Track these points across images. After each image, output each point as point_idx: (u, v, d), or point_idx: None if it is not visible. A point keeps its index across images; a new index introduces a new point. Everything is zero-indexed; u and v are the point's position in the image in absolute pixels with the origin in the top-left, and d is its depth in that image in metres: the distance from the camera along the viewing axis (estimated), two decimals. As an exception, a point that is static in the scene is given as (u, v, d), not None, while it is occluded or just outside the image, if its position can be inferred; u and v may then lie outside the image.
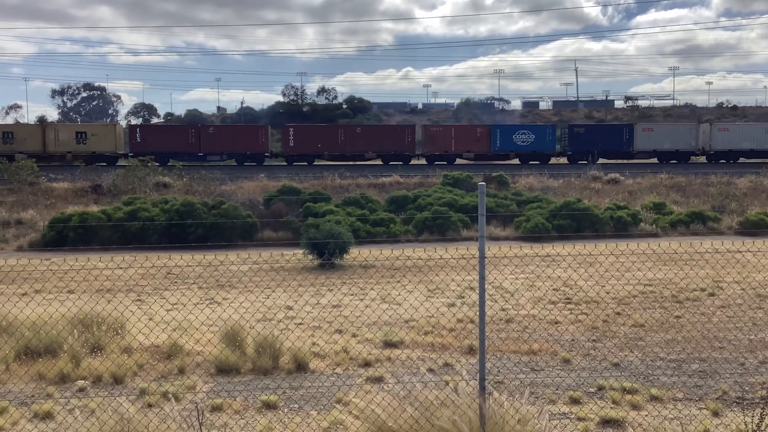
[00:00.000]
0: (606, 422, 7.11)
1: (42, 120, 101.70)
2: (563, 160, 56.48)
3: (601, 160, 54.20)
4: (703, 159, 56.39)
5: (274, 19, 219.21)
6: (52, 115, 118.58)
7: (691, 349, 9.89)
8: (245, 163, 53.50)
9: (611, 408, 7.47)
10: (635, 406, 7.54)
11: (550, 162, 54.71)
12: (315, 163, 54.03)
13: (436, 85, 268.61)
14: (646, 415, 7.24)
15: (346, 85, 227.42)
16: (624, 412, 7.32)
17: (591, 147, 55.38)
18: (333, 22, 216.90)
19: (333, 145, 54.89)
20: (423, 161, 55.72)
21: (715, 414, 7.34)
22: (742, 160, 55.39)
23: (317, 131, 57.70)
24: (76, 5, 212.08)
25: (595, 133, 57.27)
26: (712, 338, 10.37)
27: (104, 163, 51.10)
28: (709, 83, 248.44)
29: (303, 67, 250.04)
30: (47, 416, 7.35)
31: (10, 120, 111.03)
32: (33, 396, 8.02)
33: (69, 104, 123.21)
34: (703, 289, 13.90)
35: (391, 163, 53.44)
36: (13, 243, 23.56)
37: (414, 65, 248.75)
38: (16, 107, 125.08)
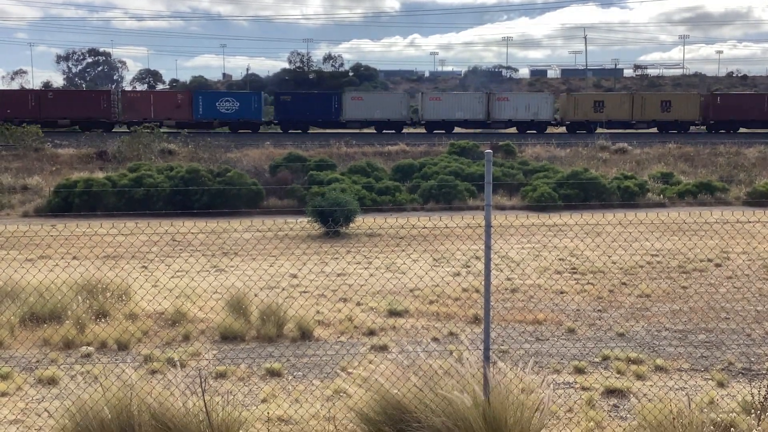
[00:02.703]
0: (611, 392, 7.08)
1: (47, 85, 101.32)
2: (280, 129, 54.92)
3: (312, 130, 53.38)
4: (421, 129, 55.35)
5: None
6: (58, 80, 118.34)
7: (697, 319, 9.83)
8: None
9: (616, 378, 7.43)
10: (640, 377, 7.51)
11: (260, 131, 53.31)
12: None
13: (444, 52, 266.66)
14: (652, 386, 7.20)
15: (353, 52, 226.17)
16: (629, 382, 7.29)
17: (300, 116, 54.13)
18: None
19: (23, 110, 51.94)
20: (125, 128, 52.55)
21: (721, 385, 7.30)
22: (457, 130, 54.49)
23: (5, 96, 55.35)
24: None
25: (303, 102, 55.74)
26: (718, 309, 10.31)
27: None
28: (719, 52, 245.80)
29: (308, 34, 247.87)
30: (51, 382, 7.36)
31: (15, 85, 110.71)
32: (37, 361, 8.03)
33: (74, 70, 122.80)
34: (710, 260, 13.82)
35: (93, 130, 49.47)
36: (18, 209, 23.57)
37: (421, 32, 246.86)
38: (21, 72, 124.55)
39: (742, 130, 53.49)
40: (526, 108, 55.15)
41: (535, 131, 53.14)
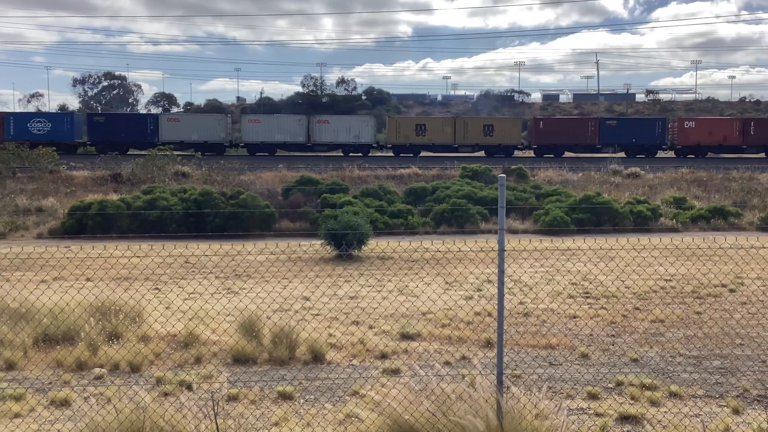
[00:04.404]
0: (624, 418, 7.02)
1: (63, 108, 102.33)
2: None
3: (131, 151, 53.01)
4: (243, 151, 56.25)
5: (294, 9, 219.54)
6: (73, 104, 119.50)
7: (711, 345, 9.76)
8: None
9: (630, 404, 7.37)
10: (654, 403, 7.44)
11: (78, 152, 53.21)
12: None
13: (456, 77, 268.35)
14: (666, 412, 7.14)
15: (365, 76, 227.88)
16: (643, 408, 7.23)
17: (114, 137, 54.15)
18: (352, 12, 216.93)
19: None
20: None
21: (736, 412, 7.23)
22: (279, 152, 54.85)
23: None
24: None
25: (118, 123, 56.28)
26: (733, 335, 10.22)
27: None
28: (732, 77, 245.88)
29: (322, 58, 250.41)
30: (64, 403, 7.37)
31: (32, 108, 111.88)
32: (50, 383, 8.05)
33: (90, 93, 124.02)
34: (724, 285, 13.72)
35: None
36: (33, 230, 23.72)
37: (433, 57, 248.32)
38: (38, 95, 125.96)
39: (567, 154, 53.77)
40: (347, 131, 55.58)
41: (360, 154, 53.45)
